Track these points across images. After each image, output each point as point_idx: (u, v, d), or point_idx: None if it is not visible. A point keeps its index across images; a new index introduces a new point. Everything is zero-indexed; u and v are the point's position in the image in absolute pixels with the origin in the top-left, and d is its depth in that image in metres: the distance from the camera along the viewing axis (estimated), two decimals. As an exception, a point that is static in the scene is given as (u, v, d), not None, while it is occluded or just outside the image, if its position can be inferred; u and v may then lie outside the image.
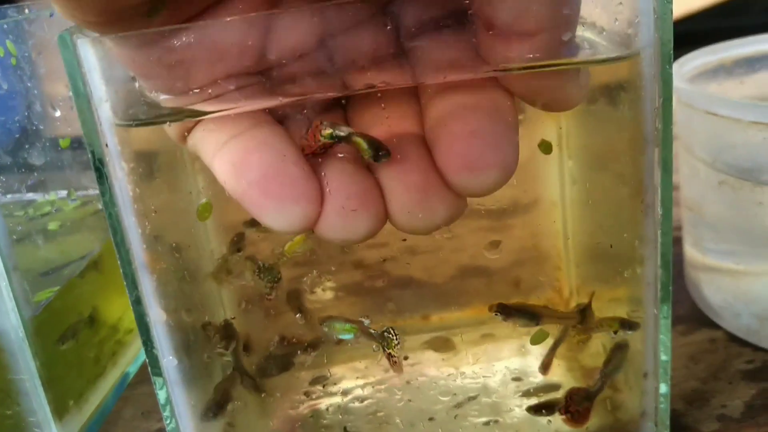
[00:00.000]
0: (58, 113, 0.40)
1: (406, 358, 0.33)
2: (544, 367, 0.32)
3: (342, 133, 0.22)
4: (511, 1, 0.21)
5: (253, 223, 0.29)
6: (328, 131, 0.22)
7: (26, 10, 0.37)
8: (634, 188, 0.27)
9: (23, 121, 0.39)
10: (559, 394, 0.32)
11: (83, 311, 0.38)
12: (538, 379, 0.33)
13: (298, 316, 0.30)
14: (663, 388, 0.29)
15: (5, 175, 0.38)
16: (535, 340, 0.30)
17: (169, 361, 0.28)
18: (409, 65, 0.23)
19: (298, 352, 0.31)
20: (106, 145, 0.25)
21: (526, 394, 0.32)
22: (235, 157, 0.22)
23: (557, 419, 0.31)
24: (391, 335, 0.29)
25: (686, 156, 0.36)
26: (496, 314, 0.30)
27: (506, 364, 0.33)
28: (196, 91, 0.22)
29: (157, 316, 0.27)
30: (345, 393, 0.32)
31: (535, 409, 0.30)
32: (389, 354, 0.29)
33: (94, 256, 0.39)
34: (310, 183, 0.22)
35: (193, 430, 0.29)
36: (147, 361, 0.27)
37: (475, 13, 0.21)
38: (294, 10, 0.21)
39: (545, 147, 0.29)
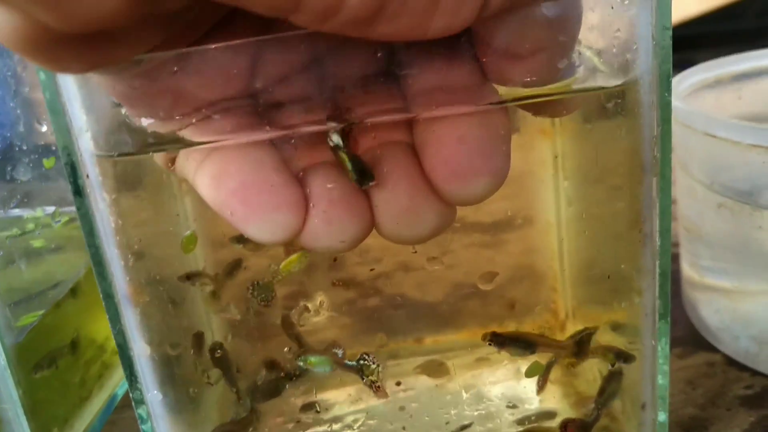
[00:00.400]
0: (44, 128, 0.39)
1: (398, 383, 0.32)
2: (540, 389, 0.31)
3: (331, 143, 0.21)
4: (506, 24, 0.20)
5: (240, 239, 0.28)
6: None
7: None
8: (631, 218, 0.26)
9: (8, 136, 0.38)
10: (554, 422, 0.31)
11: (65, 338, 0.37)
12: (533, 406, 0.32)
13: (285, 350, 0.29)
14: (661, 418, 0.28)
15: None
16: (531, 373, 0.29)
17: (153, 395, 0.27)
18: (400, 94, 0.22)
19: (287, 382, 0.30)
20: (87, 176, 0.24)
21: (521, 422, 0.31)
22: (214, 170, 0.21)
23: (553, 450, 0.30)
24: (367, 361, 0.28)
25: (683, 176, 0.36)
26: (489, 344, 0.29)
27: (501, 391, 0.33)
28: (179, 118, 0.22)
29: (141, 350, 0.26)
30: (336, 420, 0.32)
31: None
32: (371, 382, 0.28)
33: (75, 281, 0.38)
34: (291, 189, 0.21)
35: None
36: (131, 395, 0.27)
37: (468, 39, 0.21)
38: (280, 36, 0.21)
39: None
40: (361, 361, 0.28)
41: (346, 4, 0.17)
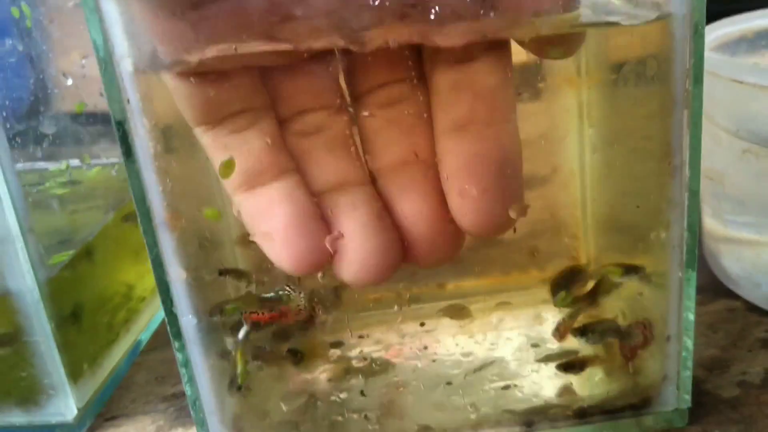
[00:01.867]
0: (70, 81, 0.40)
1: (422, 324, 0.32)
2: (560, 335, 0.31)
3: None
4: None
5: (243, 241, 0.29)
6: None
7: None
8: (661, 150, 0.27)
9: (35, 89, 0.38)
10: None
11: (93, 281, 0.38)
12: (555, 345, 0.32)
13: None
14: (686, 352, 0.29)
15: (18, 142, 0.37)
16: (560, 303, 0.29)
17: (188, 320, 0.27)
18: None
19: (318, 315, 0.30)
20: (128, 100, 0.24)
21: (545, 359, 0.32)
22: (261, 205, 0.24)
23: (576, 381, 0.31)
24: (287, 291, 0.28)
25: (708, 125, 0.36)
26: None
27: (524, 332, 0.33)
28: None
29: (176, 274, 0.27)
30: (363, 358, 0.32)
31: (564, 368, 0.30)
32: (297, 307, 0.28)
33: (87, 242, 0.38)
34: (323, 237, 0.24)
35: (211, 392, 0.29)
36: (166, 320, 0.27)
37: None
38: None
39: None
40: (281, 292, 0.28)
41: None
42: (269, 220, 0.24)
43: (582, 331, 0.30)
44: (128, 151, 0.25)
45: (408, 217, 0.24)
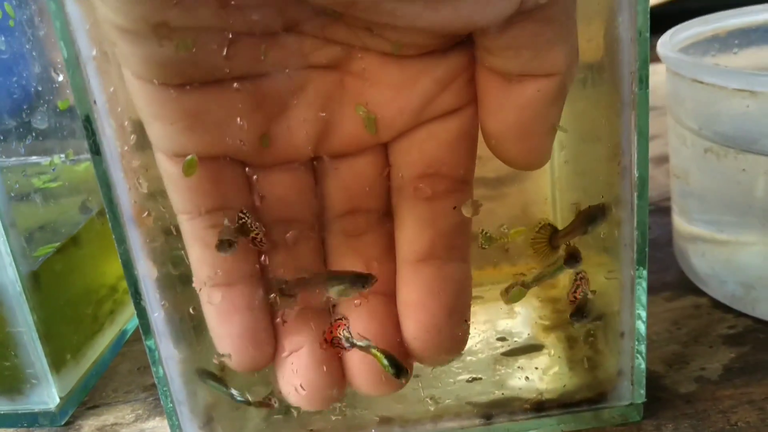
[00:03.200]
0: (60, 77, 0.41)
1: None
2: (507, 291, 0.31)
3: (360, 343, 0.26)
4: None
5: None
6: (346, 335, 0.26)
7: (27, -27, 0.37)
8: (611, 151, 0.27)
9: (26, 85, 0.39)
10: (541, 354, 0.33)
11: (78, 270, 0.39)
12: (522, 339, 0.33)
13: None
14: (639, 348, 0.29)
15: (6, 138, 0.38)
16: (514, 298, 0.30)
17: (158, 314, 0.28)
18: None
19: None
20: (94, 102, 0.25)
21: (510, 353, 0.33)
22: (223, 307, 0.26)
23: (537, 376, 0.32)
24: (244, 219, 0.26)
25: (674, 125, 0.37)
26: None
27: (493, 326, 0.34)
28: None
29: (144, 269, 0.28)
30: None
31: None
32: (252, 239, 0.26)
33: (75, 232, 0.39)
34: (271, 347, 0.27)
35: (181, 381, 0.30)
36: (136, 313, 0.28)
37: None
38: None
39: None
40: (240, 221, 0.26)
41: None
42: (227, 324, 0.26)
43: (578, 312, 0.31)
44: (95, 149, 0.26)
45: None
